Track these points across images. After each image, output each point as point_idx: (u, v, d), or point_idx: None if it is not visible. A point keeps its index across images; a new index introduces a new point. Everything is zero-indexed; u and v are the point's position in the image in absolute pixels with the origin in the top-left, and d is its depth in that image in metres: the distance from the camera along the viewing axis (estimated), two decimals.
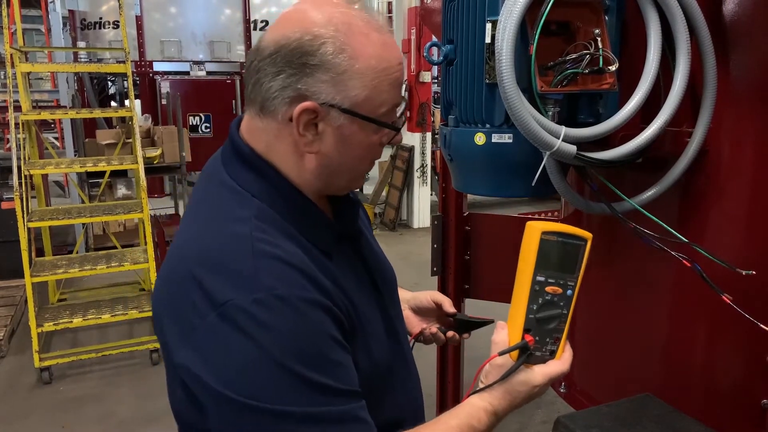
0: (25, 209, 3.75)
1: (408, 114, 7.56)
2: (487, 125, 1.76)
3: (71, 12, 9.78)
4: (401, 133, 1.00)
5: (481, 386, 1.01)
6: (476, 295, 2.85)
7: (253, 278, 0.82)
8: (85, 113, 4.88)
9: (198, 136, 9.11)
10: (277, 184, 0.93)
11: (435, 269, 2.86)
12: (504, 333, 1.02)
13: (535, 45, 1.48)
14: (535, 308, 1.00)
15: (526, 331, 1.00)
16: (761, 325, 1.50)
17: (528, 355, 0.99)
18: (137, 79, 9.25)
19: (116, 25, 9.33)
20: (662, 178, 1.73)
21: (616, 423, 1.39)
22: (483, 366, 1.03)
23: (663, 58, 1.59)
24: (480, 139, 1.77)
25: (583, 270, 1.02)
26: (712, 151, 1.72)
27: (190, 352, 0.84)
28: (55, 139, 9.18)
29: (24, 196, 3.76)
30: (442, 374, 3.01)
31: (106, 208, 4.38)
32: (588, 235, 1.04)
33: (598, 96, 1.65)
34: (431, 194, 8.28)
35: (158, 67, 9.25)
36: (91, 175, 5.84)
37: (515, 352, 0.99)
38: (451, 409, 0.99)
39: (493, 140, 1.76)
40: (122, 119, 6.85)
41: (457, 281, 2.80)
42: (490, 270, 2.83)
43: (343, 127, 0.90)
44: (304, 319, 0.84)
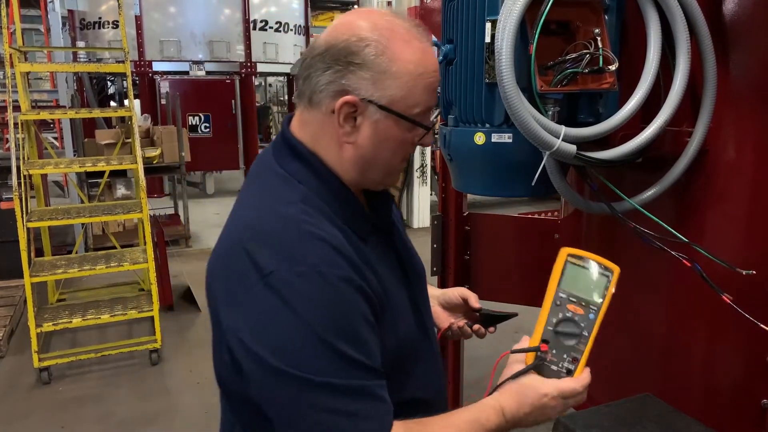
0: (24, 209, 3.75)
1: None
2: (487, 125, 1.76)
3: (70, 12, 9.77)
4: (432, 136, 1.08)
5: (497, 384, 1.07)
6: (476, 294, 2.85)
7: (297, 254, 0.92)
8: (85, 113, 4.88)
9: (197, 136, 9.10)
10: (321, 172, 1.03)
11: (435, 269, 2.86)
12: (525, 342, 1.07)
13: (535, 44, 1.48)
14: (554, 321, 1.05)
15: (543, 341, 1.04)
16: (761, 325, 1.49)
17: (542, 363, 1.03)
18: (136, 79, 9.25)
19: (116, 24, 9.33)
20: (662, 177, 1.72)
21: (615, 423, 1.39)
22: (497, 362, 1.10)
23: (663, 57, 1.59)
24: (480, 138, 1.76)
25: (607, 300, 1.06)
26: (712, 150, 1.72)
27: (236, 317, 0.93)
28: (55, 139, 9.18)
29: (23, 196, 3.75)
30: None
31: (106, 208, 4.37)
32: (615, 267, 1.08)
33: (598, 95, 1.65)
34: (431, 194, 8.29)
35: (157, 66, 9.24)
36: (90, 175, 5.83)
37: (531, 356, 1.03)
38: (464, 407, 1.04)
39: (493, 140, 1.76)
40: (121, 119, 6.84)
41: (456, 281, 2.79)
42: (490, 270, 2.83)
43: (379, 122, 1.00)
44: (340, 295, 0.92)
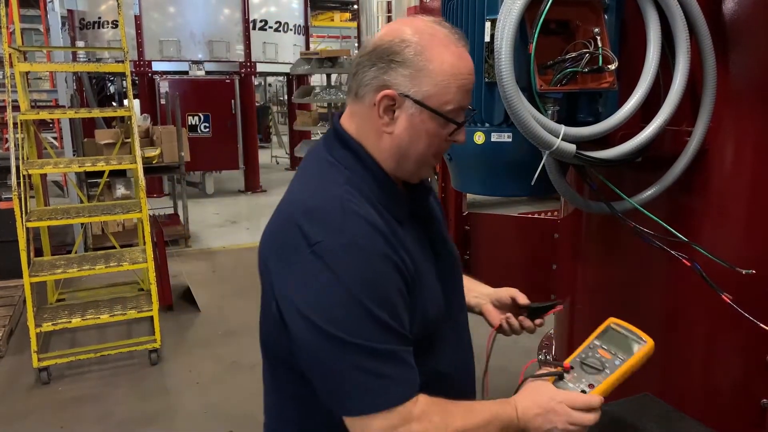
0: (23, 209, 3.74)
1: None
2: (487, 124, 1.76)
3: (70, 12, 9.77)
4: (464, 135, 1.17)
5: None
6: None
7: (341, 228, 1.04)
8: (84, 113, 4.87)
9: (197, 136, 9.10)
10: (364, 160, 1.14)
11: None
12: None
13: (535, 44, 1.48)
14: (583, 356, 1.22)
15: (570, 366, 1.20)
16: (761, 325, 1.49)
17: (562, 379, 1.17)
18: (136, 78, 9.25)
19: (115, 24, 9.33)
20: (662, 177, 1.72)
21: (615, 423, 1.39)
22: (524, 369, 1.22)
23: (663, 57, 1.59)
24: (479, 138, 1.76)
25: (635, 357, 1.18)
26: (712, 150, 1.72)
27: (287, 281, 1.06)
28: (54, 138, 9.17)
29: (22, 195, 3.75)
30: None
31: (105, 208, 4.36)
32: (650, 340, 1.21)
33: (598, 95, 1.65)
34: None
35: (157, 66, 9.24)
36: (89, 175, 5.83)
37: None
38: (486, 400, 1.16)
39: (493, 139, 1.76)
40: (121, 119, 6.84)
41: None
42: (490, 269, 2.83)
43: (414, 115, 1.10)
44: (377, 267, 1.04)
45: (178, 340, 4.41)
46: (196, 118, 9.24)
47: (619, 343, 1.22)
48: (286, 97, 14.91)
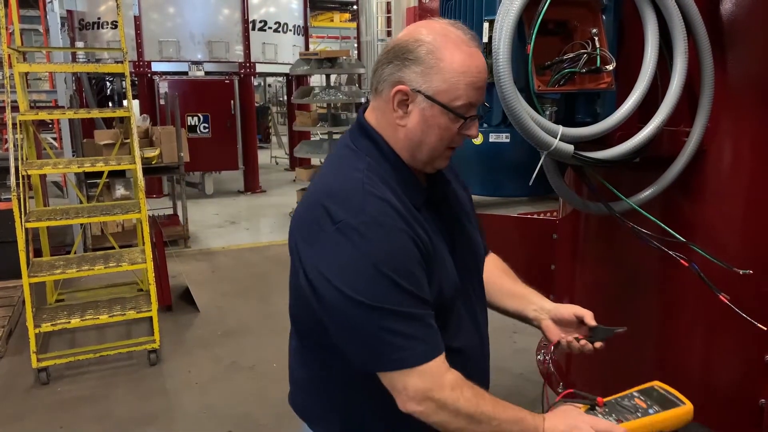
0: (22, 209, 3.74)
1: None
2: (485, 125, 1.77)
3: (69, 12, 9.77)
4: (476, 130, 1.23)
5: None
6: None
7: (361, 208, 1.14)
8: (83, 113, 4.87)
9: (196, 136, 9.09)
10: (384, 149, 1.24)
11: None
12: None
13: (533, 44, 1.48)
14: (619, 399, 1.27)
15: (605, 403, 1.25)
16: (759, 325, 1.50)
17: (593, 410, 1.23)
18: (135, 79, 9.24)
19: (114, 25, 9.32)
20: (660, 177, 1.73)
21: None
22: (559, 398, 1.28)
23: (660, 57, 1.59)
24: (477, 138, 1.77)
25: (668, 416, 1.22)
26: (710, 150, 1.72)
27: (314, 254, 1.17)
28: (54, 139, 9.17)
29: (22, 196, 3.75)
30: None
31: (104, 208, 4.36)
32: (689, 404, 1.25)
33: (596, 95, 1.65)
34: None
35: (156, 67, 9.23)
36: (89, 175, 5.83)
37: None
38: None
39: (491, 140, 1.77)
40: (120, 119, 6.84)
41: None
42: None
43: (425, 110, 1.18)
44: (396, 240, 1.14)
45: (177, 340, 4.41)
46: (196, 118, 9.23)
47: (658, 399, 1.26)
48: (285, 98, 14.91)
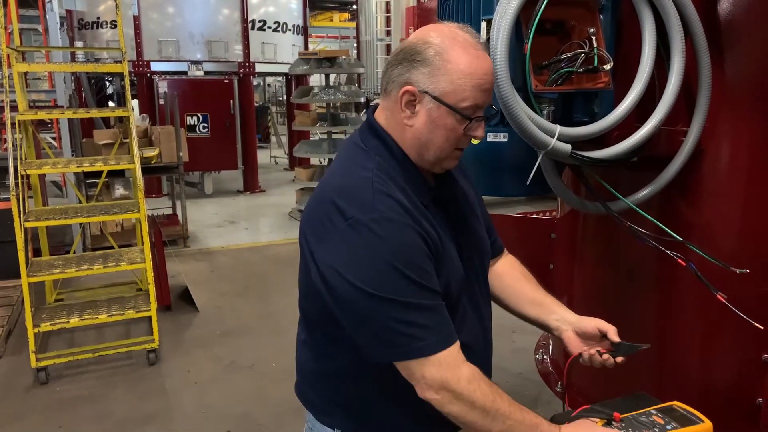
0: (21, 209, 3.74)
1: None
2: None
3: (68, 12, 9.75)
4: (482, 131, 1.24)
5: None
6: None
7: (372, 205, 1.17)
8: (82, 113, 4.87)
9: (196, 136, 9.09)
10: (392, 148, 1.27)
11: None
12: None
13: (530, 44, 1.48)
14: (637, 416, 1.28)
15: (622, 419, 1.26)
16: (755, 324, 1.50)
17: (609, 422, 1.24)
18: (134, 78, 9.24)
19: (114, 25, 9.31)
20: (657, 177, 1.73)
21: None
22: (577, 411, 1.29)
23: (658, 57, 1.59)
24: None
25: (687, 431, 1.24)
26: (707, 150, 1.72)
27: (326, 250, 1.19)
28: (53, 139, 9.17)
29: (21, 196, 3.75)
30: None
31: (103, 208, 4.36)
32: (709, 422, 1.26)
33: (593, 95, 1.65)
34: None
35: (156, 66, 9.22)
36: (88, 175, 5.83)
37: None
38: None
39: (488, 139, 1.77)
40: (120, 119, 6.84)
41: None
42: None
43: (432, 110, 1.20)
44: (405, 235, 1.17)
45: (176, 340, 4.41)
46: (195, 118, 9.22)
47: (677, 417, 1.27)
48: (285, 98, 14.90)
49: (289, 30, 10.51)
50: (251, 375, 3.89)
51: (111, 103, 11.30)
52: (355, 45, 15.26)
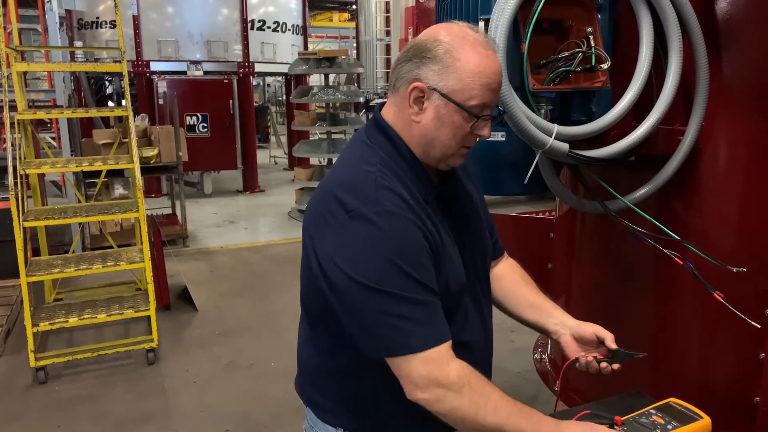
0: (20, 209, 3.75)
1: None
2: None
3: (68, 12, 9.75)
4: (488, 131, 1.25)
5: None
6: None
7: (374, 198, 1.17)
8: (81, 113, 4.87)
9: (195, 136, 9.09)
10: (398, 144, 1.27)
11: None
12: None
13: (527, 43, 1.48)
14: (637, 417, 1.29)
15: (623, 422, 1.27)
16: (752, 323, 1.50)
17: (612, 426, 1.25)
18: (134, 78, 9.24)
19: (113, 24, 9.31)
20: (655, 176, 1.73)
21: None
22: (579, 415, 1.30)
23: (655, 56, 1.59)
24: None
25: (688, 429, 1.24)
26: (705, 149, 1.73)
27: (327, 242, 1.20)
28: (52, 138, 9.17)
29: (20, 195, 3.75)
30: None
31: (102, 207, 4.36)
32: (707, 418, 1.27)
33: (591, 94, 1.65)
34: None
35: (155, 66, 9.22)
36: (87, 175, 5.83)
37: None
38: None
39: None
40: (119, 119, 6.84)
41: None
42: None
43: (440, 107, 1.21)
44: (405, 230, 1.17)
45: (175, 339, 4.41)
46: (195, 118, 9.22)
47: (676, 415, 1.28)
48: (284, 97, 14.90)
49: (289, 30, 10.51)
50: (250, 374, 3.90)
51: (110, 103, 11.30)
52: (354, 45, 15.27)
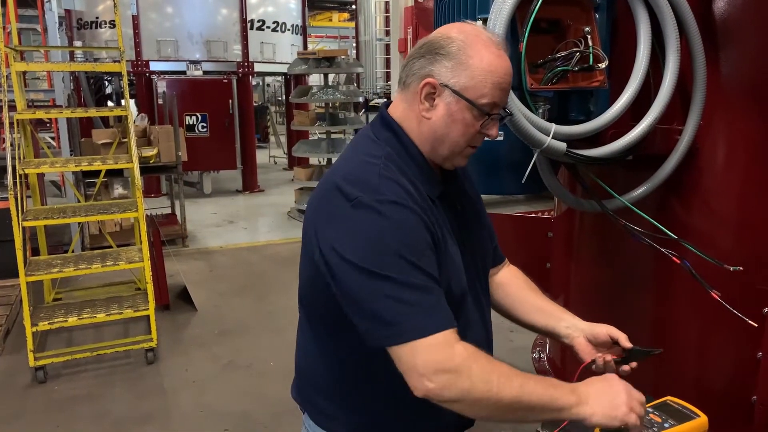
0: (19, 208, 3.75)
1: None
2: None
3: (67, 12, 9.76)
4: (497, 130, 1.25)
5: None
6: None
7: (377, 188, 1.17)
8: (81, 113, 4.87)
9: (194, 136, 9.09)
10: (404, 140, 1.27)
11: None
12: None
13: (525, 42, 1.49)
14: None
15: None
16: (750, 322, 1.50)
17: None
18: (133, 78, 9.24)
19: (112, 24, 9.31)
20: (653, 175, 1.73)
21: None
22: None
23: (653, 55, 1.60)
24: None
25: (685, 427, 1.24)
26: (703, 148, 1.73)
27: (329, 231, 1.19)
28: (52, 138, 9.17)
29: (19, 195, 3.75)
30: None
31: (102, 207, 4.36)
32: (704, 416, 1.26)
33: (589, 93, 1.66)
34: None
35: (155, 66, 9.22)
36: (87, 174, 5.83)
37: None
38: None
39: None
40: (118, 119, 6.84)
41: None
42: None
43: (451, 104, 1.21)
44: (409, 219, 1.16)
45: (174, 339, 4.41)
46: (194, 117, 9.23)
47: (673, 413, 1.27)
48: (284, 97, 14.90)
49: (288, 30, 10.51)
50: (249, 374, 3.90)
51: (110, 103, 11.30)
52: (354, 45, 15.27)
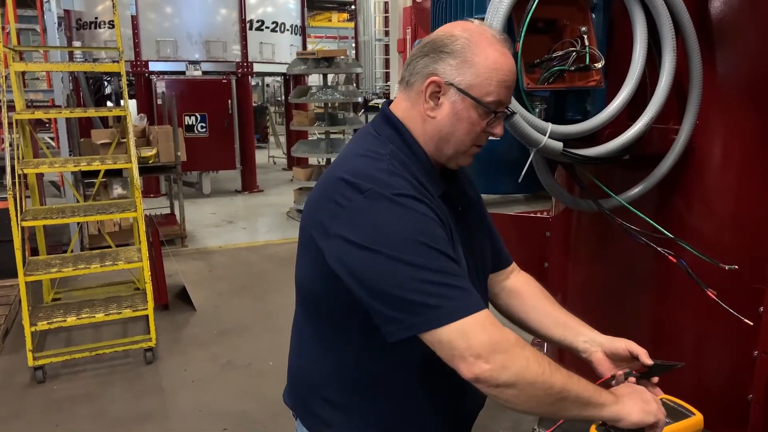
0: (18, 208, 3.75)
1: None
2: None
3: (67, 12, 9.74)
4: (501, 129, 1.25)
5: None
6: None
7: (388, 183, 1.14)
8: (80, 113, 4.87)
9: (194, 136, 9.10)
10: (407, 138, 1.25)
11: None
12: None
13: (521, 42, 1.49)
14: None
15: None
16: (745, 320, 1.51)
17: (604, 423, 1.21)
18: (132, 78, 9.24)
19: (112, 25, 9.31)
20: (649, 175, 1.74)
21: None
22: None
23: (649, 55, 1.60)
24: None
25: (682, 425, 1.25)
26: (699, 148, 1.73)
27: (342, 224, 1.13)
28: (51, 138, 9.17)
29: (18, 195, 3.76)
30: None
31: (101, 207, 4.37)
32: (699, 414, 1.27)
33: (585, 93, 1.66)
34: None
35: (154, 66, 9.22)
36: (86, 174, 5.83)
37: None
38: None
39: None
40: (118, 119, 6.84)
41: None
42: None
43: (456, 102, 1.19)
44: (424, 212, 1.14)
45: (173, 339, 4.41)
46: (193, 118, 9.23)
47: (668, 412, 1.26)
48: (283, 98, 14.89)
49: (287, 30, 10.52)
50: (248, 374, 3.90)
51: (109, 103, 11.29)
52: (353, 45, 15.27)
